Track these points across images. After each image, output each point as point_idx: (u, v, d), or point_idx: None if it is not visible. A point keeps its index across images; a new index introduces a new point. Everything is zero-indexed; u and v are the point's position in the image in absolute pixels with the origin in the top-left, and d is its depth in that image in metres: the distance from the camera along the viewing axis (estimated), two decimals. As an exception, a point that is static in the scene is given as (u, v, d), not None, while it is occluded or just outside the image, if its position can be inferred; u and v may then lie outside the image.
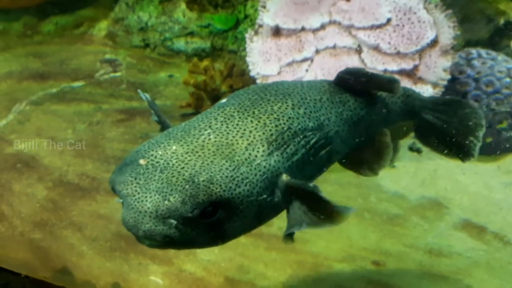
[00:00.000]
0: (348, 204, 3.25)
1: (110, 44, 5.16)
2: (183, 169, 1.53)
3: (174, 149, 1.58)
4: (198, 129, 1.66)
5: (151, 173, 1.53)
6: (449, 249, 2.95)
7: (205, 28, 5.05)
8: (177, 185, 1.51)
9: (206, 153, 1.58)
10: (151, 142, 1.64)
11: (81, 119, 3.69)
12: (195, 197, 1.49)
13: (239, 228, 1.63)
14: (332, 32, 3.94)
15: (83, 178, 3.10)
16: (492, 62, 3.99)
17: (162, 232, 1.51)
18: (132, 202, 1.51)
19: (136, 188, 1.52)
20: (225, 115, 1.72)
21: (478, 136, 2.11)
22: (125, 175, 1.56)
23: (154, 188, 1.51)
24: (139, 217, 1.50)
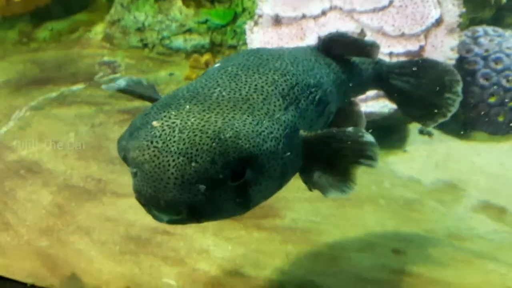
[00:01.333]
0: (363, 192, 3.17)
1: (108, 46, 5.08)
2: (204, 127, 1.36)
3: (188, 108, 1.42)
4: (206, 88, 1.52)
5: (169, 134, 1.35)
6: (471, 233, 2.85)
7: (203, 24, 4.96)
8: (202, 144, 1.33)
9: (224, 109, 1.43)
10: (159, 104, 1.48)
11: (83, 122, 3.60)
12: (224, 155, 1.33)
13: (264, 192, 1.49)
14: (333, 17, 3.85)
15: (88, 180, 3.02)
16: (499, 39, 3.89)
17: (187, 201, 1.33)
18: (151, 169, 1.32)
19: (155, 153, 1.33)
20: (230, 74, 1.60)
21: (456, 91, 2.05)
22: (139, 139, 1.37)
23: (176, 150, 1.33)
24: (160, 185, 1.32)
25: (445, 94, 2.07)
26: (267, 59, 1.70)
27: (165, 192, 1.32)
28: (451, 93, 2.07)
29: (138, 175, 1.36)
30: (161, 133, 1.36)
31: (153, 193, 1.33)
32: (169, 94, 1.56)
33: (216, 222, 2.81)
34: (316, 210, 2.97)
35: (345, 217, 2.93)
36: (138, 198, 1.38)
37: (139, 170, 1.35)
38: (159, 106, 1.47)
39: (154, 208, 1.38)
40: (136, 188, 1.37)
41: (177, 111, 1.42)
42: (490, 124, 3.79)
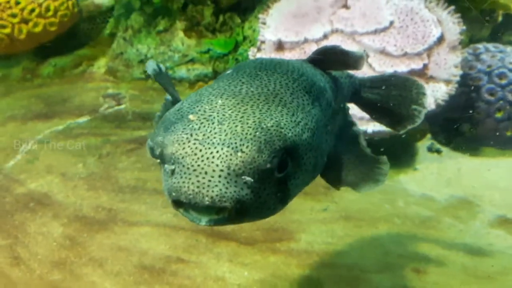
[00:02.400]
0: (377, 212, 3.12)
1: (111, 79, 5.12)
2: (243, 118, 1.32)
3: (222, 102, 1.38)
4: (232, 86, 1.49)
5: (208, 126, 1.30)
6: (490, 248, 2.80)
7: (205, 54, 5.02)
8: (246, 133, 1.28)
9: (257, 102, 1.40)
10: (189, 101, 1.44)
11: (91, 153, 3.58)
12: (270, 143, 1.29)
13: (300, 186, 1.46)
14: (335, 40, 3.89)
15: (99, 210, 2.97)
16: (501, 54, 3.92)
17: (234, 196, 1.24)
18: (194, 162, 1.25)
19: (196, 145, 1.27)
20: (250, 74, 1.57)
21: (422, 103, 2.11)
22: (177, 133, 1.31)
23: (219, 142, 1.27)
24: (204, 179, 1.23)
25: (412, 106, 2.14)
26: (279, 63, 1.70)
27: (210, 187, 1.24)
28: (418, 105, 2.13)
29: (177, 172, 1.29)
30: (200, 126, 1.32)
31: (196, 189, 1.24)
32: (194, 93, 1.52)
33: (230, 248, 2.76)
34: (331, 231, 2.92)
35: (361, 238, 2.88)
36: (176, 198, 1.28)
37: (179, 166, 1.29)
38: (190, 102, 1.43)
39: (194, 207, 1.28)
40: (174, 187, 1.28)
41: (211, 105, 1.38)
42: (498, 139, 3.78)
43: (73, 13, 5.15)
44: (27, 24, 4.89)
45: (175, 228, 2.85)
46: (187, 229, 2.85)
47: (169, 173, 1.31)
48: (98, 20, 5.66)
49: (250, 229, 2.90)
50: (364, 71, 4.00)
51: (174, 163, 1.30)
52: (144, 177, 3.30)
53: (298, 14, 4.10)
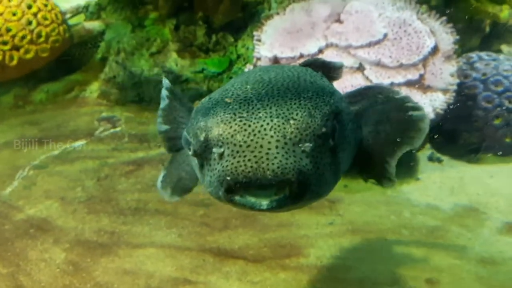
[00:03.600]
0: (383, 224, 3.09)
1: (105, 103, 5.08)
2: (280, 94, 1.30)
3: (251, 87, 1.36)
4: (252, 77, 1.46)
5: (249, 105, 1.26)
6: (502, 256, 2.76)
7: (200, 74, 5.02)
8: (290, 104, 1.26)
9: (285, 82, 1.39)
10: (216, 93, 1.40)
11: (89, 176, 3.52)
12: (319, 108, 1.27)
13: (345, 160, 1.42)
14: (331, 54, 3.91)
15: (101, 234, 2.90)
16: (495, 62, 3.97)
17: (295, 166, 1.17)
18: (246, 138, 1.19)
19: (243, 121, 1.22)
20: (262, 70, 1.55)
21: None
22: (220, 114, 1.26)
23: (266, 115, 1.23)
24: (261, 153, 1.17)
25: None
26: (284, 66, 1.70)
27: (270, 159, 1.17)
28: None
29: (228, 153, 1.22)
30: (240, 105, 1.28)
31: (255, 164, 1.17)
32: (222, 88, 1.49)
33: (239, 266, 2.69)
34: (339, 245, 2.87)
35: (371, 250, 2.84)
36: (234, 180, 1.19)
37: (229, 146, 1.22)
38: (218, 93, 1.40)
39: (251, 191, 1.20)
40: (229, 169, 1.20)
41: (241, 90, 1.35)
42: (498, 146, 3.79)
43: (65, 39, 5.12)
44: (19, 51, 4.85)
45: (180, 249, 2.78)
46: (192, 249, 2.78)
47: (217, 158, 1.24)
48: (89, 45, 5.64)
49: (257, 246, 2.84)
50: (361, 83, 4.04)
51: (222, 145, 1.23)
52: (145, 198, 3.23)
53: (293, 30, 4.12)
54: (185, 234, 2.86)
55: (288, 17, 4.24)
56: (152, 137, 4.25)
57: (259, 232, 2.94)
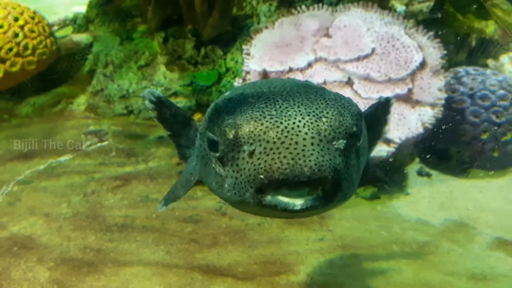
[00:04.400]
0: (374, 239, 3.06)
1: (92, 116, 5.02)
2: (304, 95, 1.29)
3: (268, 90, 1.34)
4: (259, 83, 1.47)
5: (276, 104, 1.24)
6: (493, 272, 2.76)
7: (188, 87, 5.00)
8: (318, 103, 1.25)
9: (300, 86, 1.37)
10: (234, 95, 1.38)
11: (75, 191, 3.45)
12: (347, 107, 1.27)
13: (362, 165, 1.41)
14: (320, 68, 3.91)
15: (87, 251, 2.83)
16: (481, 77, 4.01)
17: (331, 164, 1.15)
18: (280, 135, 1.16)
19: (274, 119, 1.19)
20: (274, 80, 1.57)
21: None
22: (248, 112, 1.23)
23: (297, 113, 1.21)
24: (297, 150, 1.14)
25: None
26: (285, 78, 1.76)
27: (306, 156, 1.14)
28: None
29: (260, 151, 1.18)
30: (266, 105, 1.26)
31: (291, 161, 1.14)
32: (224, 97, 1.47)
33: (228, 284, 2.65)
34: (329, 261, 2.84)
35: (361, 267, 2.81)
36: (269, 178, 1.15)
37: (261, 143, 1.19)
38: (234, 95, 1.38)
39: (288, 187, 1.16)
40: (263, 166, 1.16)
41: (259, 92, 1.35)
42: (486, 160, 3.80)
43: (52, 51, 5.07)
44: (4, 63, 4.78)
45: (168, 266, 2.73)
46: (181, 266, 2.73)
47: (247, 156, 1.20)
48: (77, 57, 5.60)
49: (246, 263, 2.80)
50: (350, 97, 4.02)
51: (253, 142, 1.19)
52: (132, 214, 3.18)
53: (282, 44, 4.13)
54: (173, 251, 2.81)
55: (277, 31, 4.25)
56: (140, 152, 4.20)
57: (248, 249, 2.90)
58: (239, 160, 1.23)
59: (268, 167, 1.16)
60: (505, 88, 3.84)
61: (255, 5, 5.05)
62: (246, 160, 1.21)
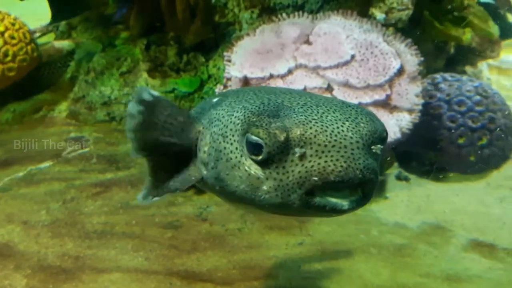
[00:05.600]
0: (352, 243, 3.10)
1: (73, 123, 5.01)
2: (324, 101, 1.36)
3: (289, 96, 1.40)
4: (268, 89, 1.54)
5: (313, 109, 1.30)
6: (467, 273, 2.81)
7: (170, 93, 5.01)
8: (346, 110, 1.31)
9: (319, 96, 1.45)
10: (255, 101, 1.41)
11: (54, 199, 3.43)
12: (373, 114, 1.36)
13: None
14: (300, 75, 3.96)
15: (65, 258, 2.81)
16: (458, 83, 4.09)
17: (374, 167, 1.24)
18: (330, 139, 1.22)
19: (319, 123, 1.25)
20: (276, 88, 1.61)
21: None
22: (293, 116, 1.27)
23: (336, 118, 1.27)
24: (346, 153, 1.21)
25: None
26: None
27: (355, 160, 1.21)
28: None
29: (311, 153, 1.23)
30: (304, 110, 1.30)
31: (344, 164, 1.20)
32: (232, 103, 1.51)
33: (207, 289, 2.65)
34: (308, 265, 2.87)
35: (339, 270, 2.84)
36: (322, 180, 1.22)
37: (312, 146, 1.24)
38: (262, 97, 1.43)
39: (336, 189, 1.24)
40: (316, 168, 1.22)
41: (281, 99, 1.39)
42: (462, 164, 3.88)
43: (33, 58, 5.05)
44: (-16, 70, 4.75)
45: (147, 273, 2.73)
46: (160, 272, 2.73)
47: (297, 159, 1.25)
48: (59, 64, 5.58)
49: (226, 268, 2.81)
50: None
51: (304, 145, 1.24)
52: (112, 221, 3.17)
53: (262, 50, 4.17)
54: (153, 257, 2.81)
55: (258, 38, 4.29)
56: (121, 158, 4.19)
57: (228, 254, 2.91)
58: (287, 162, 1.27)
59: (323, 170, 1.22)
60: (480, 93, 3.93)
61: (237, 13, 5.09)
62: (296, 163, 1.26)
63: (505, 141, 3.85)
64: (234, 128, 1.39)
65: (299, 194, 1.26)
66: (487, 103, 3.85)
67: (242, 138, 1.36)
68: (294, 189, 1.26)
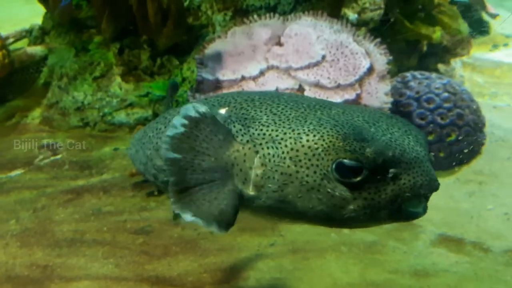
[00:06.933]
0: (324, 242, 3.12)
1: (47, 129, 4.95)
2: (375, 115, 1.50)
3: (327, 112, 1.51)
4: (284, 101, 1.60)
5: (376, 127, 1.42)
6: (434, 267, 2.85)
7: (145, 97, 4.98)
8: (391, 123, 1.45)
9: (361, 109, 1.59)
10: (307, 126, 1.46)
11: (24, 207, 3.39)
12: (407, 122, 1.52)
13: None
14: (272, 76, 3.98)
15: (33, 268, 2.78)
16: (427, 81, 4.15)
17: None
18: (413, 156, 1.37)
19: (398, 141, 1.38)
20: (269, 95, 1.69)
21: None
22: (378, 136, 1.38)
23: (399, 134, 1.41)
24: (424, 168, 1.38)
25: None
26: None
27: (431, 173, 1.38)
28: None
29: (401, 172, 1.36)
30: (376, 128, 1.41)
31: (427, 177, 1.37)
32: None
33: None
34: (279, 266, 2.88)
35: (310, 269, 2.86)
36: (415, 193, 1.37)
37: (402, 165, 1.36)
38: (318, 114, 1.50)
39: (424, 198, 1.40)
40: (412, 185, 1.36)
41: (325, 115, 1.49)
42: (432, 161, 3.93)
43: (4, 64, 4.99)
44: (-46, 77, 4.68)
45: (117, 279, 2.71)
46: (129, 279, 2.72)
47: (391, 178, 1.37)
48: (32, 70, 5.51)
49: (197, 272, 2.81)
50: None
51: (395, 165, 1.35)
52: (83, 228, 3.14)
53: (234, 53, 4.18)
54: (123, 264, 2.80)
55: (230, 40, 4.30)
56: (94, 164, 4.16)
57: (199, 257, 2.91)
58: (379, 182, 1.38)
59: (413, 185, 1.36)
60: (448, 90, 3.99)
61: (211, 15, 5.09)
62: (388, 182, 1.38)
63: (473, 137, 3.91)
64: (311, 152, 1.41)
65: (389, 209, 1.39)
66: (455, 99, 3.91)
67: (328, 163, 1.39)
68: (386, 206, 1.39)
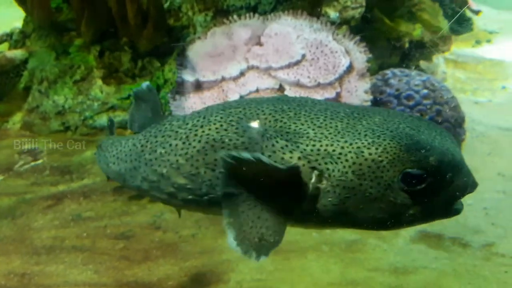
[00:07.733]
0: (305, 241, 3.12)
1: (28, 134, 4.89)
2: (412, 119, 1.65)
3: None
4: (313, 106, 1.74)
5: (419, 131, 1.54)
6: (414, 264, 2.87)
7: (126, 100, 4.94)
8: (419, 123, 1.60)
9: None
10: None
11: (3, 215, 3.34)
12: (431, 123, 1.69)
13: None
14: (252, 76, 3.97)
15: (11, 277, 2.75)
16: (407, 78, 4.17)
17: None
18: (457, 159, 1.52)
19: (447, 148, 1.53)
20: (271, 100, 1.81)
21: None
22: (434, 145, 1.49)
23: (436, 136, 1.55)
24: (464, 169, 1.55)
25: None
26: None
27: (470, 173, 1.55)
28: None
29: (453, 175, 1.49)
30: (427, 135, 1.53)
31: (471, 178, 1.53)
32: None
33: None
34: (260, 267, 2.87)
35: (291, 270, 2.86)
36: (463, 195, 1.54)
37: (453, 168, 1.50)
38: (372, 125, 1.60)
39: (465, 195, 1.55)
40: (464, 186, 1.52)
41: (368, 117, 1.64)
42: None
43: (-18, 69, 4.92)
44: None
45: (96, 286, 2.69)
46: (109, 285, 2.69)
47: (448, 181, 1.50)
48: (12, 74, 5.44)
49: (177, 275, 2.79)
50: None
51: (449, 170, 1.49)
52: (62, 235, 3.11)
53: (214, 53, 4.16)
54: (102, 270, 2.77)
55: (210, 41, 4.28)
56: (75, 169, 4.12)
57: (180, 261, 2.90)
58: (438, 186, 1.49)
59: (463, 186, 1.52)
60: (428, 87, 4.01)
61: (191, 16, 5.06)
62: (444, 185, 1.50)
63: (452, 133, 3.94)
64: (376, 165, 1.50)
65: (446, 209, 1.55)
66: (434, 96, 3.93)
67: (394, 174, 1.49)
68: (442, 206, 1.54)
